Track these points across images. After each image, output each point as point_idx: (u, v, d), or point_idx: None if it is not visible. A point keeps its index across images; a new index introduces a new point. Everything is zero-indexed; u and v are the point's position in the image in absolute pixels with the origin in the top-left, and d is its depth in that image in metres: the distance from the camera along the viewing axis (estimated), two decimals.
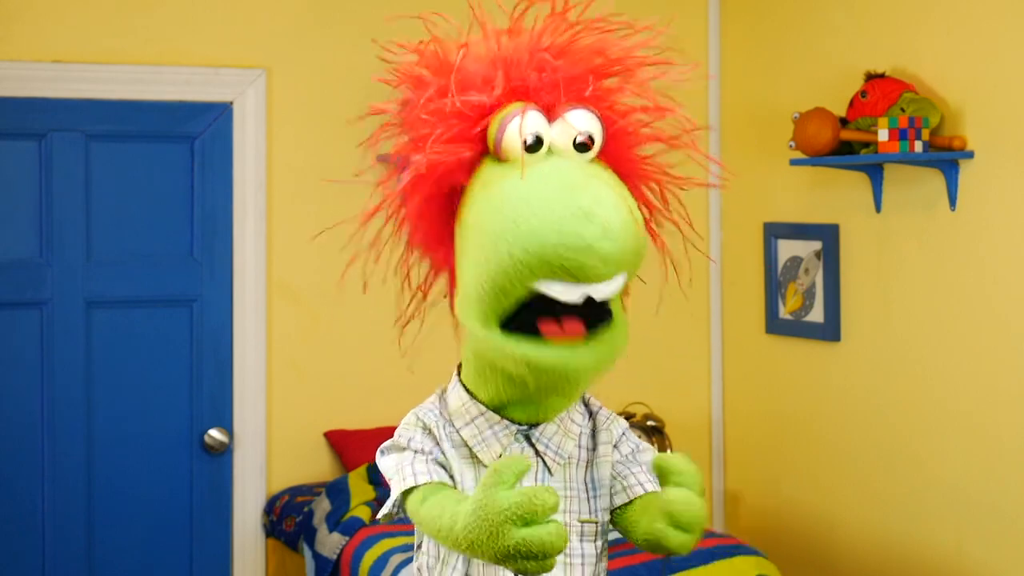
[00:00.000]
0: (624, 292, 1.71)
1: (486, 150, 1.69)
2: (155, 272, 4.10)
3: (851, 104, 3.86)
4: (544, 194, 1.59)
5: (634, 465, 1.82)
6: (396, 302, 1.85)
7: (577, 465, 1.78)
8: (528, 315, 1.62)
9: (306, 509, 3.98)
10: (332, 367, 4.28)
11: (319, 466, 4.27)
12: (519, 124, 1.64)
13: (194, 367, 4.14)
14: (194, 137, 4.12)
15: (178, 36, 4.09)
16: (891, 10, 3.93)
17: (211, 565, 4.16)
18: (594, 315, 1.63)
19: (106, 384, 4.04)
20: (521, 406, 1.74)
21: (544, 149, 1.66)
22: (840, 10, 4.14)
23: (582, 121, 1.67)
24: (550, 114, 1.68)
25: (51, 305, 3.98)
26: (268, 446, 4.21)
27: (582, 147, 1.67)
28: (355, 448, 4.18)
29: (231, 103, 4.14)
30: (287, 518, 4.04)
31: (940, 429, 3.80)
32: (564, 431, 1.77)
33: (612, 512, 1.82)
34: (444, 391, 1.82)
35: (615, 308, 1.68)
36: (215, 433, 4.14)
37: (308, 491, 4.12)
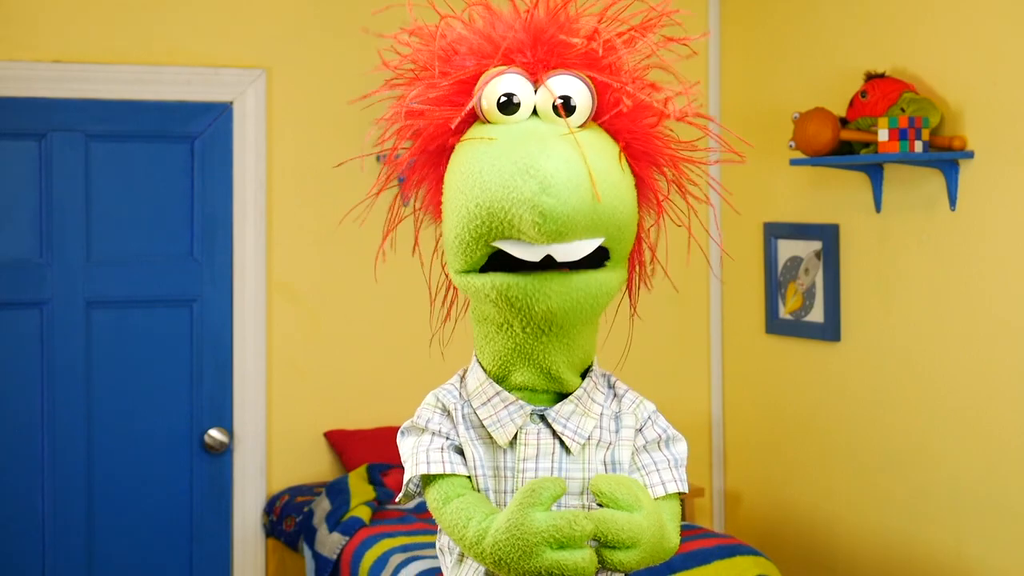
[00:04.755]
0: (626, 266, 1.68)
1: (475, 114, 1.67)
2: (155, 272, 4.10)
3: (851, 104, 3.86)
4: (499, 150, 1.57)
5: (660, 459, 1.80)
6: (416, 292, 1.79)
7: (597, 446, 1.76)
8: (504, 256, 1.61)
9: (306, 509, 3.98)
10: (332, 367, 4.28)
11: (319, 466, 4.27)
12: (494, 84, 1.62)
13: (194, 367, 4.14)
14: (194, 137, 4.12)
15: (178, 36, 4.09)
16: (891, 10, 3.93)
17: (211, 565, 4.16)
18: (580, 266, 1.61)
19: (106, 384, 4.04)
20: (524, 368, 1.70)
21: (525, 112, 1.63)
22: (840, 10, 4.13)
23: (560, 84, 1.63)
24: (539, 80, 1.64)
25: (51, 305, 3.98)
26: (268, 446, 4.21)
27: (563, 110, 1.62)
28: (355, 448, 4.18)
29: (231, 103, 4.14)
30: (287, 518, 4.04)
31: (940, 429, 3.80)
32: (583, 411, 1.75)
33: None
34: (465, 371, 1.80)
35: (609, 265, 1.65)
36: (215, 433, 4.14)
37: (308, 491, 4.12)
